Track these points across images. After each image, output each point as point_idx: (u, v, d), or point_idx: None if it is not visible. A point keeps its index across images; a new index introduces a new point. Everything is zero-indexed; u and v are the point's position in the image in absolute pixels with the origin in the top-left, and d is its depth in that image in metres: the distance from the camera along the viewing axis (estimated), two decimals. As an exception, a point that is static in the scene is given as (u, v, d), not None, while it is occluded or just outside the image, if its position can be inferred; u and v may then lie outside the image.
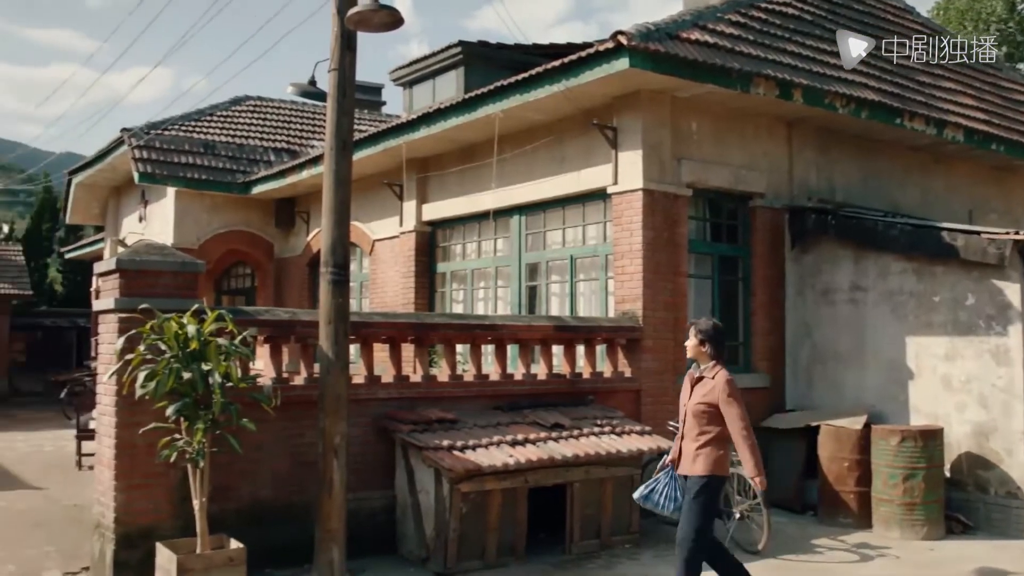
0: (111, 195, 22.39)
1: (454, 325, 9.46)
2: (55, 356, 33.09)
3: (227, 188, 17.91)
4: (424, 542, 8.05)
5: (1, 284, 29.45)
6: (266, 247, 18.98)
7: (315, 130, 20.51)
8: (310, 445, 7.92)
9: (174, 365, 6.57)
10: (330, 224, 7.48)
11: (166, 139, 17.84)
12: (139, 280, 7.34)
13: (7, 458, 15.23)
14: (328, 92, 7.52)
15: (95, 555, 7.76)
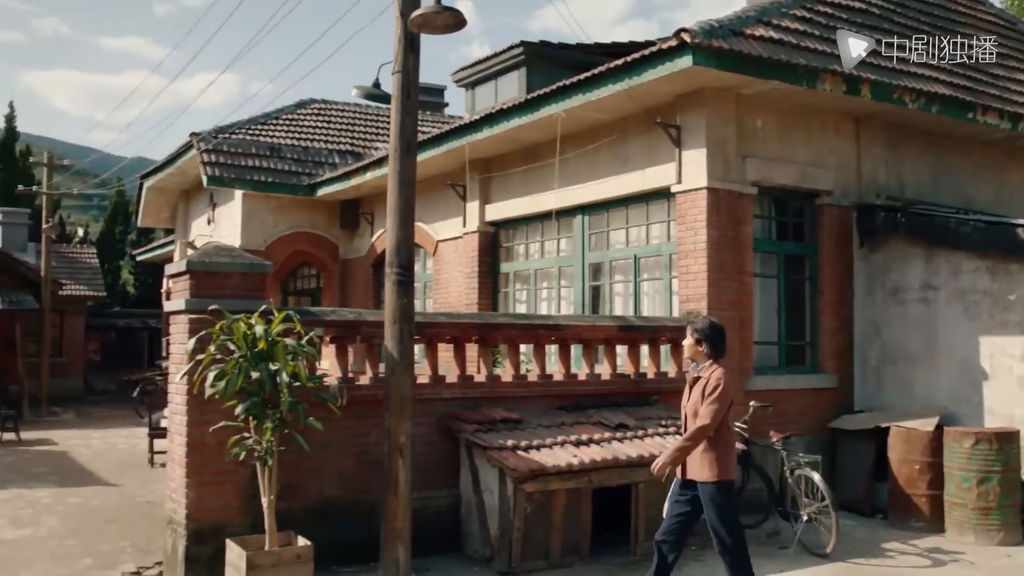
0: (181, 198, 22.83)
1: (518, 325, 9.48)
2: (127, 356, 33.90)
3: (293, 190, 18.15)
4: (488, 541, 8.07)
5: (77, 286, 30.23)
6: (331, 248, 19.19)
7: (379, 132, 20.68)
8: (376, 444, 8.00)
9: (243, 365, 6.67)
10: (395, 225, 7.53)
11: (233, 143, 18.14)
12: (209, 281, 7.48)
13: (83, 455, 15.66)
14: (392, 94, 7.58)
15: (167, 550, 7.92)
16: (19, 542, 9.19)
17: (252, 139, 18.56)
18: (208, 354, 6.85)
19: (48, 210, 26.62)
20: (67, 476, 13.39)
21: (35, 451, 16.29)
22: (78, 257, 33.26)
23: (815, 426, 10.81)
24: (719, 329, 6.78)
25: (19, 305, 23.78)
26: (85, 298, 31.00)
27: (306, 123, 20.37)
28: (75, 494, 11.82)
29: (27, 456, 15.54)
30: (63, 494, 11.79)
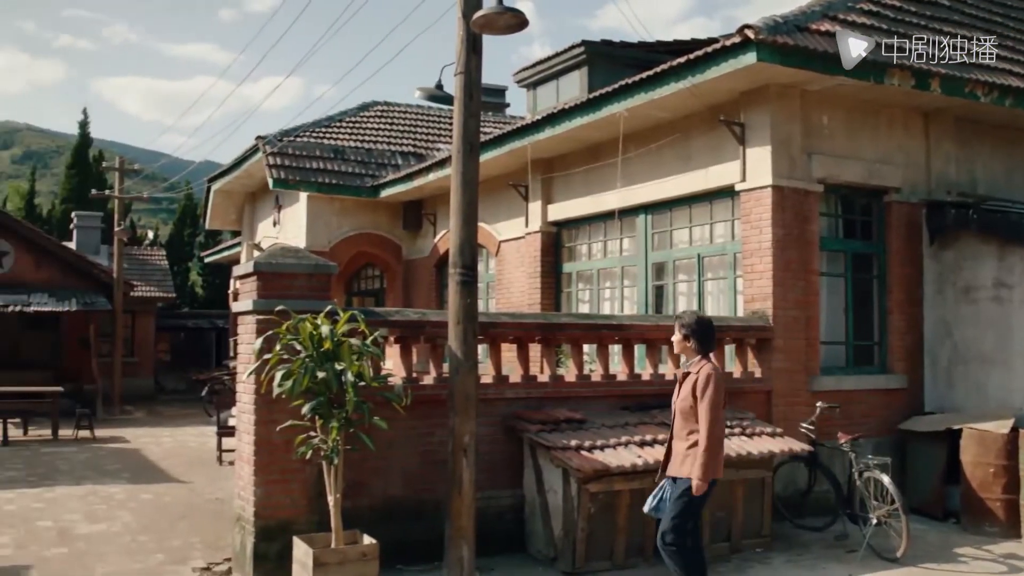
0: (247, 201, 23.21)
1: (581, 325, 9.46)
2: (196, 355, 34.54)
3: (356, 192, 18.35)
4: (552, 541, 8.07)
5: (147, 287, 30.87)
6: (394, 249, 19.36)
7: (441, 133, 20.81)
8: (440, 444, 8.05)
9: (309, 364, 6.76)
10: (458, 225, 7.57)
11: (298, 145, 18.39)
12: (275, 282, 7.59)
13: (155, 453, 16.01)
14: (455, 95, 7.62)
15: (236, 547, 8.07)
16: (94, 537, 9.42)
17: (316, 142, 18.79)
18: (275, 354, 6.96)
19: (120, 213, 27.22)
20: (139, 473, 13.70)
21: (109, 448, 16.69)
22: (148, 259, 33.99)
23: (884, 427, 10.62)
24: (707, 324, 6.68)
25: (93, 306, 24.37)
26: (155, 299, 31.65)
27: (369, 125, 20.58)
28: (147, 491, 12.09)
29: (101, 453, 15.94)
30: (135, 490, 12.07)
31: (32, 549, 8.85)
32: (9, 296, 23.33)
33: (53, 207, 43.34)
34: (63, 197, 42.67)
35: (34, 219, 38.56)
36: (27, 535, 9.43)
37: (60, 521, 10.11)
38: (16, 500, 11.31)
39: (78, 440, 17.76)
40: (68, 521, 10.11)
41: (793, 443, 9.03)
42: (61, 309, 23.82)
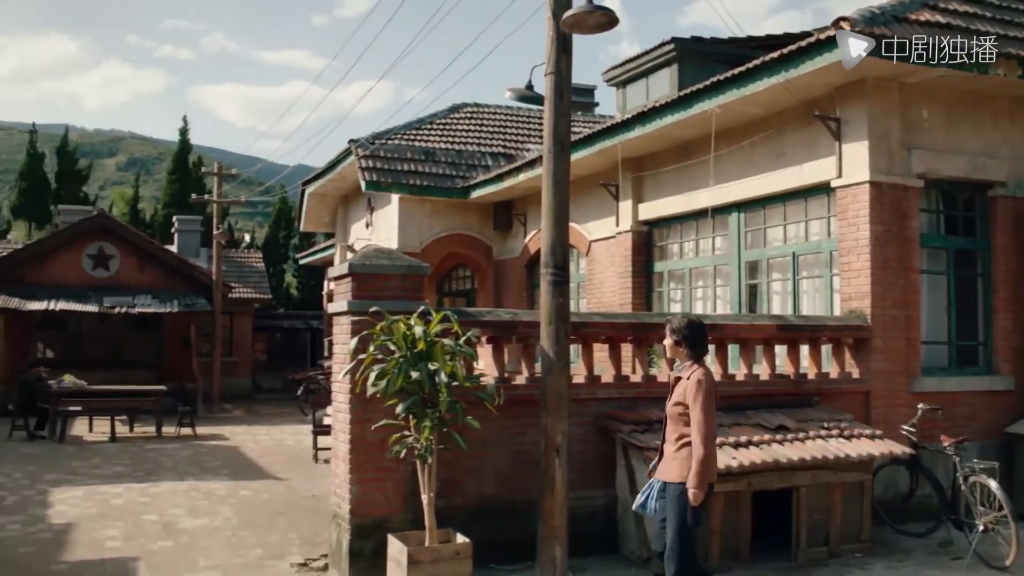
0: (340, 203, 23.60)
1: (673, 325, 9.36)
2: (291, 355, 35.27)
3: (447, 193, 18.50)
4: (645, 542, 8.01)
5: (244, 289, 31.65)
6: (485, 249, 19.46)
7: (530, 133, 20.84)
8: (532, 444, 8.06)
9: (403, 364, 6.84)
10: (549, 225, 7.57)
11: (389, 148, 18.63)
12: (369, 283, 7.71)
13: (253, 451, 16.40)
14: (545, 95, 7.62)
15: (332, 543, 8.21)
16: (197, 531, 9.70)
17: (407, 144, 19.01)
18: (370, 354, 7.06)
19: (218, 217, 27.97)
20: (239, 470, 14.05)
21: (209, 446, 17.16)
22: (245, 261, 34.84)
23: (989, 430, 10.27)
24: (698, 328, 6.45)
25: (193, 307, 25.11)
26: (252, 300, 32.43)
27: (459, 127, 20.73)
28: (246, 487, 12.39)
29: (202, 450, 16.39)
30: (235, 487, 12.38)
31: (139, 542, 9.15)
32: (115, 298, 24.19)
33: (155, 212, 44.79)
34: (165, 202, 44.08)
35: (138, 224, 39.89)
36: (134, 528, 9.76)
37: (165, 515, 10.44)
38: (124, 494, 11.71)
39: (180, 437, 18.31)
40: (172, 515, 10.43)
41: (893, 445, 8.80)
42: (164, 310, 24.61)
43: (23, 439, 17.62)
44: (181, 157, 45.11)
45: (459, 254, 19.67)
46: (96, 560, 8.44)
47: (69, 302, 23.58)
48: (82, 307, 23.71)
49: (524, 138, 20.63)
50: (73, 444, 17.34)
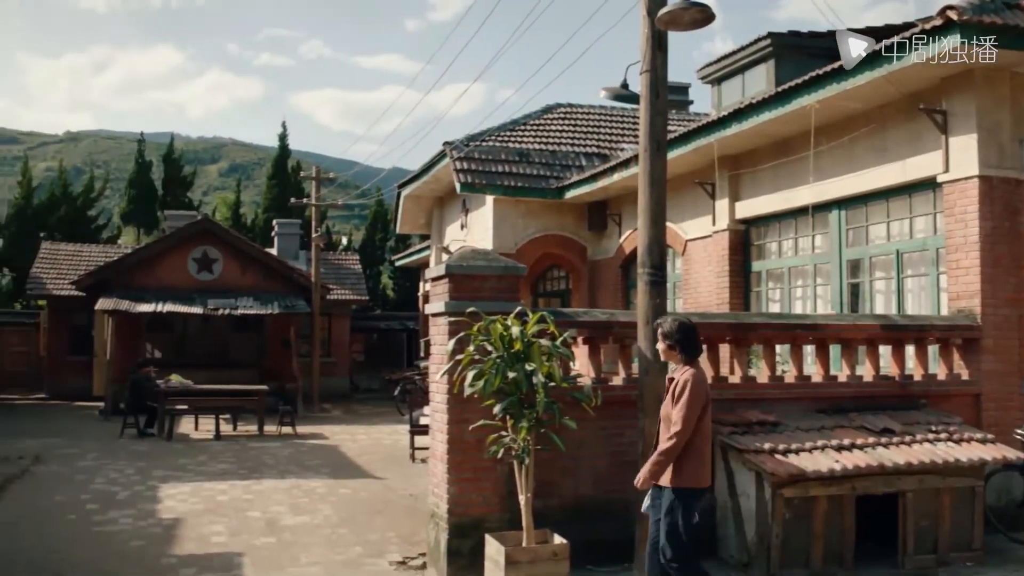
0: (435, 205, 23.82)
1: (773, 325, 9.21)
2: (388, 356, 35.76)
3: (541, 194, 18.51)
4: (745, 546, 7.89)
5: (342, 290, 32.21)
6: (579, 250, 19.41)
7: (624, 133, 20.73)
8: (629, 444, 8.00)
9: (500, 365, 6.87)
10: (645, 225, 7.51)
11: (484, 149, 18.73)
12: (466, 284, 7.76)
13: (351, 449, 16.68)
14: (640, 93, 7.57)
15: (430, 542, 8.29)
16: (298, 528, 9.90)
17: (501, 145, 19.08)
18: (467, 354, 7.11)
19: (316, 220, 28.52)
20: (338, 468, 14.30)
21: (309, 444, 17.51)
22: (343, 263, 35.45)
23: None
24: (689, 329, 6.39)
25: (293, 309, 25.67)
26: (350, 302, 32.98)
27: (553, 127, 20.72)
28: (345, 485, 12.60)
29: (302, 449, 16.73)
30: (335, 485, 12.60)
31: (243, 538, 9.39)
32: (219, 300, 24.90)
33: (256, 216, 45.86)
34: (265, 206, 45.16)
35: (239, 228, 40.93)
36: (239, 524, 10.01)
37: (268, 512, 10.68)
38: (228, 491, 12.03)
39: (281, 436, 18.72)
40: (275, 512, 10.67)
41: (1006, 450, 8.48)
42: (265, 312, 25.22)
43: (133, 436, 18.26)
44: (280, 162, 46.17)
45: (553, 255, 19.66)
46: (203, 555, 8.68)
47: (176, 304, 24.37)
48: (188, 309, 24.47)
49: (618, 137, 20.52)
50: (180, 442, 17.90)
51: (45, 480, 12.93)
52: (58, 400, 27.80)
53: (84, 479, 12.96)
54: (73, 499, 11.43)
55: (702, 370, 6.34)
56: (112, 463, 14.57)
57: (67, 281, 28.51)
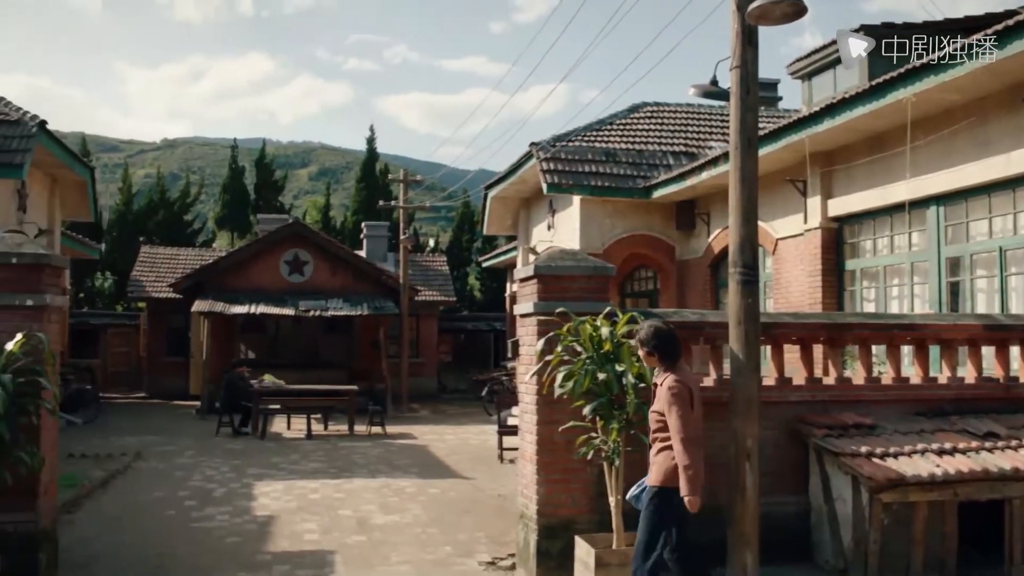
0: (522, 206, 23.87)
1: (869, 325, 8.95)
2: (475, 356, 35.91)
3: (628, 194, 18.39)
4: (841, 552, 7.69)
5: (430, 291, 32.50)
6: (667, 249, 19.24)
7: (712, 131, 20.48)
8: (720, 447, 7.85)
9: (589, 366, 6.83)
10: (737, 223, 7.37)
11: (570, 150, 18.70)
12: (555, 285, 7.73)
13: (440, 449, 16.80)
14: (731, 90, 7.43)
15: (520, 543, 8.28)
16: (388, 527, 10.00)
17: (588, 145, 19.02)
18: (556, 355, 7.08)
19: (404, 222, 28.84)
20: (426, 468, 14.41)
21: (398, 444, 17.69)
22: (430, 265, 35.78)
23: None
24: (665, 334, 6.40)
25: (382, 310, 25.98)
26: (438, 303, 33.26)
27: (639, 126, 20.58)
28: (434, 485, 12.69)
29: (392, 449, 16.92)
30: (424, 485, 12.70)
31: (335, 536, 9.52)
32: (310, 301, 25.35)
33: (345, 219, 46.54)
34: (353, 209, 45.82)
35: (329, 230, 41.58)
36: (330, 523, 10.16)
37: (358, 511, 10.81)
38: (320, 490, 12.22)
39: (371, 436, 18.96)
40: (365, 511, 10.80)
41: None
42: (354, 313, 25.58)
43: (228, 435, 18.70)
44: (368, 165, 46.81)
45: (641, 254, 19.52)
46: (296, 552, 8.83)
47: (268, 306, 24.89)
48: (280, 310, 24.96)
49: (706, 136, 20.28)
50: (273, 440, 18.27)
51: (145, 476, 13.33)
52: (156, 399, 28.66)
53: (182, 476, 13.32)
54: (172, 495, 11.75)
55: (684, 371, 6.42)
56: (208, 460, 14.95)
57: (165, 284, 29.46)
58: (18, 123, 16.45)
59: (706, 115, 21.67)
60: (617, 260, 18.36)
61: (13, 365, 6.64)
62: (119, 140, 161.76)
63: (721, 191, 16.82)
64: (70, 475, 12.33)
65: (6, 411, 6.31)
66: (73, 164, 19.98)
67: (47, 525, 7.48)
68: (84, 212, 23.18)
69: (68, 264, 8.31)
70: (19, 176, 16.27)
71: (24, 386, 6.67)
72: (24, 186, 18.40)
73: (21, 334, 6.82)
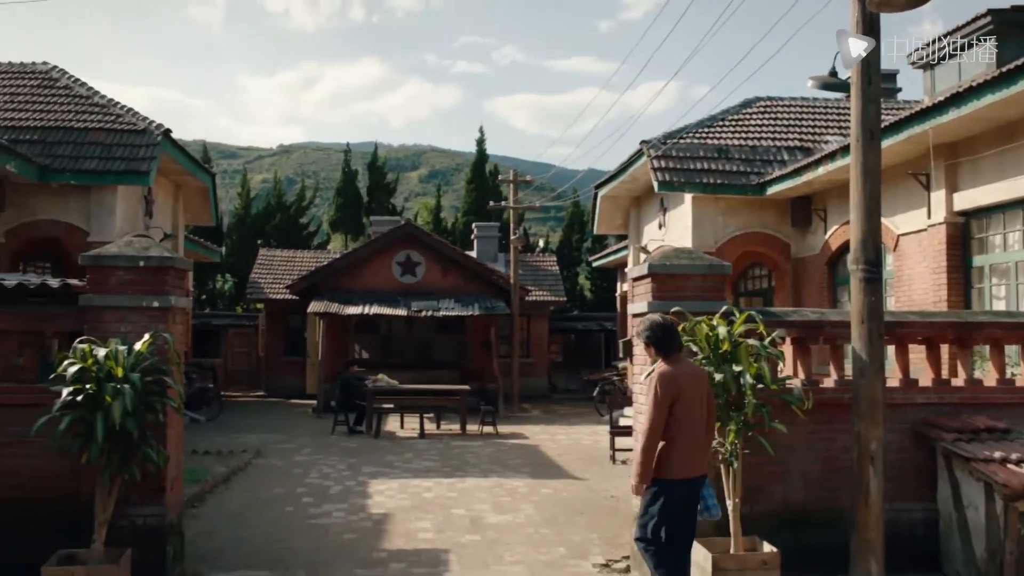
0: (632, 205, 23.66)
1: (1002, 324, 8.53)
2: (585, 356, 35.76)
3: (742, 191, 18.03)
4: (974, 563, 7.34)
5: (540, 291, 32.50)
6: (782, 247, 18.80)
7: (828, 125, 19.92)
8: (842, 450, 7.64)
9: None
10: (859, 219, 7.11)
11: (681, 147, 18.43)
12: (670, 283, 7.60)
13: (551, 449, 16.76)
14: (851, 80, 7.18)
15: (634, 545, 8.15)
16: (501, 526, 10.00)
17: (700, 142, 18.71)
18: (678, 355, 6.95)
19: (514, 223, 28.90)
20: (538, 468, 14.39)
21: (510, 444, 17.72)
22: (540, 265, 35.78)
23: None
24: (660, 327, 6.30)
25: (493, 311, 26.10)
26: (548, 303, 33.23)
27: (752, 122, 20.13)
28: (546, 485, 12.65)
29: (503, 448, 16.95)
30: (536, 485, 12.67)
31: (449, 535, 9.56)
32: (422, 302, 25.65)
33: (456, 220, 46.99)
34: (464, 210, 46.19)
35: (440, 232, 42.04)
36: (444, 521, 10.22)
37: (472, 510, 10.85)
38: (433, 489, 12.32)
39: (483, 435, 19.04)
40: (478, 511, 10.83)
41: None
42: (466, 313, 25.76)
43: (344, 433, 19.05)
44: (478, 166, 47.11)
45: (755, 252, 19.13)
46: (411, 550, 8.90)
47: (381, 306, 25.28)
48: (393, 311, 25.32)
49: (822, 130, 19.72)
50: (387, 439, 18.52)
51: (265, 473, 13.67)
52: (274, 398, 29.40)
53: (300, 473, 13.62)
54: (290, 491, 12.01)
55: (679, 365, 6.19)
56: (324, 458, 15.24)
57: (282, 285, 30.21)
58: (144, 132, 17.14)
59: (821, 109, 21.08)
60: (730, 258, 17.97)
61: (141, 364, 6.87)
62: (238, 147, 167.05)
63: (839, 186, 16.39)
64: (193, 470, 12.74)
65: (135, 409, 6.53)
66: (195, 170, 20.70)
67: (174, 519, 7.73)
68: (206, 217, 24.01)
69: (191, 266, 8.57)
70: (146, 183, 16.94)
71: (151, 385, 6.90)
72: (150, 192, 19.14)
73: (148, 334, 7.06)
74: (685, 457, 6.11)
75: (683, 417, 6.05)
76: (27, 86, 18.72)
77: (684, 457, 6.11)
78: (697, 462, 6.17)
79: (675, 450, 6.08)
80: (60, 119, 17.35)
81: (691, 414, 6.09)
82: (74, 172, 16.32)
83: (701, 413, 6.16)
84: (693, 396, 6.12)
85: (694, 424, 6.12)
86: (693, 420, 6.11)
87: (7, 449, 7.34)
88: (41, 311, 7.64)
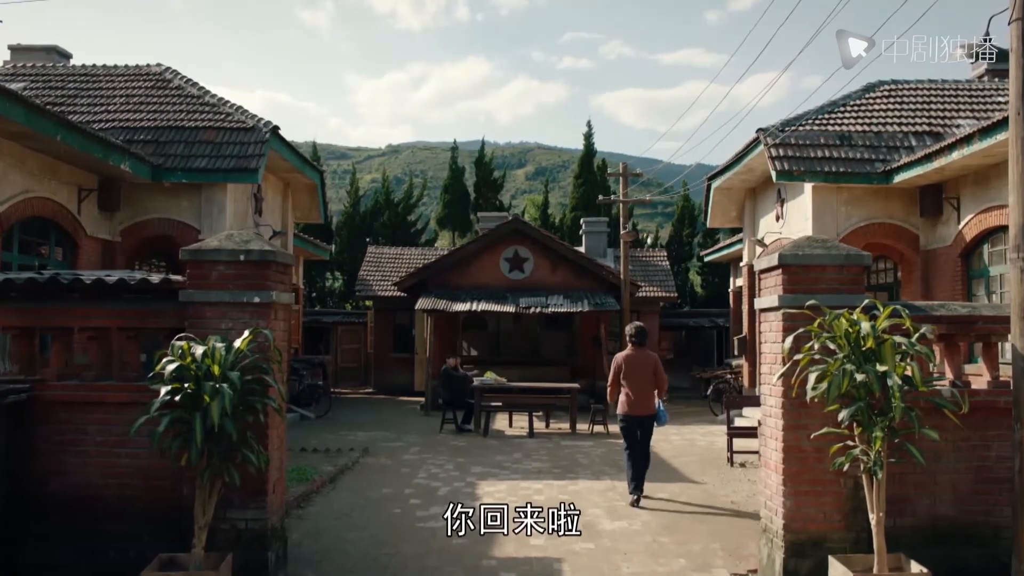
0: (747, 197, 22.82)
1: None
2: (696, 353, 34.93)
3: (866, 179, 17.07)
4: None
5: (650, 287, 31.83)
6: (909, 238, 17.76)
7: (959, 108, 18.77)
8: (997, 459, 6.94)
9: (847, 366, 6.05)
10: (1019, 201, 6.38)
11: (800, 135, 17.58)
12: (802, 276, 6.98)
13: (665, 451, 16.15)
14: (1010, 47, 6.44)
15: (763, 559, 7.59)
16: (616, 533, 9.51)
17: (820, 129, 17.81)
18: (806, 354, 6.35)
19: (624, 217, 28.25)
20: (653, 470, 13.69)
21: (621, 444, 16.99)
22: (650, 260, 35.08)
23: None
24: (642, 330, 11.52)
25: (602, 306, 25.52)
26: (658, 299, 32.52)
27: (876, 107, 19.08)
28: (662, 489, 12.09)
29: (615, 448, 16.34)
30: (651, 488, 12.08)
31: (562, 541, 9.07)
32: (530, 298, 25.25)
33: (563, 215, 46.58)
34: (571, 206, 45.73)
35: (548, 227, 41.68)
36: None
37: (585, 515, 10.32)
38: (544, 491, 11.90)
39: (593, 434, 18.58)
40: (591, 515, 10.35)
41: None
42: (575, 309, 25.25)
43: (452, 432, 18.80)
44: (586, 161, 46.56)
45: (880, 244, 18.07)
46: (522, 558, 8.48)
47: (489, 303, 24.97)
48: (501, 308, 25.00)
49: (952, 114, 18.57)
50: (495, 438, 18.19)
51: (372, 472, 13.46)
52: (382, 394, 29.47)
53: (407, 472, 13.37)
54: (398, 492, 11.75)
55: (630, 350, 11.47)
56: (433, 458, 14.98)
57: (390, 282, 30.26)
58: (253, 129, 17.19)
59: (951, 91, 19.88)
60: (855, 251, 17.08)
61: (241, 363, 6.61)
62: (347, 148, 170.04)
63: (974, 172, 15.33)
64: (301, 468, 12.61)
65: (234, 409, 6.26)
66: (303, 167, 20.75)
67: (276, 523, 7.47)
68: (314, 215, 24.11)
69: (294, 261, 8.31)
70: (255, 180, 16.97)
71: (251, 384, 6.63)
72: (260, 190, 19.24)
73: (248, 331, 6.80)
74: (627, 401, 11.31)
75: (629, 380, 11.27)
76: (141, 87, 19.02)
77: (627, 401, 11.32)
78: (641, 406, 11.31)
79: (626, 399, 11.31)
80: (172, 119, 17.56)
81: (632, 378, 11.26)
82: (185, 171, 16.46)
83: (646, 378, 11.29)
84: (623, 369, 11.32)
85: (633, 383, 11.25)
86: (633, 382, 11.26)
87: (109, 448, 7.19)
88: (141, 307, 7.45)
